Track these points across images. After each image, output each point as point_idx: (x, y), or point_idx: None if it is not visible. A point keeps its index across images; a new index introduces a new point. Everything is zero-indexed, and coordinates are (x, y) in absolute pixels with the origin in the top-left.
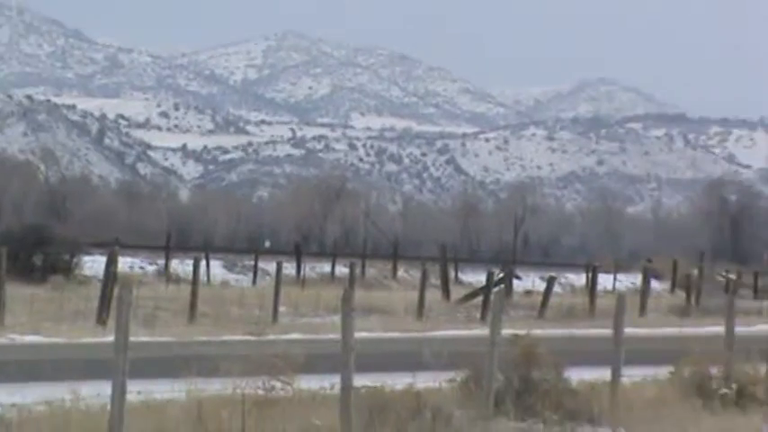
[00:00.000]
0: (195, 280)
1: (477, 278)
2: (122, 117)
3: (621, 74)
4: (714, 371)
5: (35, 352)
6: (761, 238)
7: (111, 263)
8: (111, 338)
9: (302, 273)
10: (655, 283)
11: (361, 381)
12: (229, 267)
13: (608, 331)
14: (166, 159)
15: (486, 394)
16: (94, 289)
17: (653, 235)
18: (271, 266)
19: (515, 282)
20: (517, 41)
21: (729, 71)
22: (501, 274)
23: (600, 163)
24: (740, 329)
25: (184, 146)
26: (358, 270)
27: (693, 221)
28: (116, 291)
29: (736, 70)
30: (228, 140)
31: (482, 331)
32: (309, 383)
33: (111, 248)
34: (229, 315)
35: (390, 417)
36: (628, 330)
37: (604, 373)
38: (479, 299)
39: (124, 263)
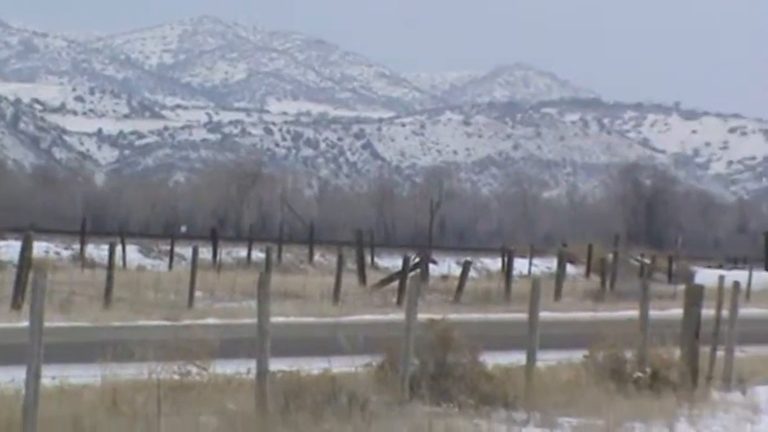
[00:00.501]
0: (111, 265)
1: (393, 263)
2: (37, 101)
3: (537, 59)
4: (628, 355)
5: None
6: (675, 223)
7: (26, 248)
8: (25, 323)
9: (218, 258)
10: (570, 268)
11: (276, 365)
12: (145, 252)
13: (523, 315)
14: (82, 144)
15: (402, 379)
16: (9, 274)
17: (568, 219)
18: (187, 251)
19: (431, 266)
20: (433, 26)
21: (644, 56)
22: (417, 259)
23: (515, 148)
24: (654, 313)
25: (100, 130)
26: (274, 255)
27: (608, 206)
28: (31, 275)
29: (651, 56)
30: (144, 125)
31: (398, 316)
32: (225, 368)
33: (26, 233)
34: (145, 300)
35: (306, 401)
36: (543, 315)
37: (520, 358)
38: (395, 284)
39: (39, 248)
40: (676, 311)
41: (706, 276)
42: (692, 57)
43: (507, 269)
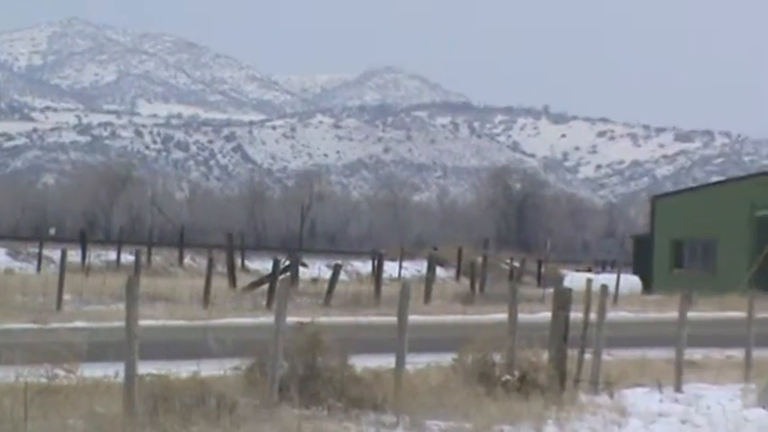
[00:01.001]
0: None
1: (263, 266)
2: None
3: (407, 62)
4: (497, 358)
5: None
6: (544, 226)
7: None
8: None
9: (87, 260)
10: (440, 271)
11: (145, 368)
12: (13, 255)
13: (393, 319)
14: None
15: (271, 382)
16: None
17: (439, 223)
18: (56, 254)
19: (302, 269)
20: (304, 29)
21: (514, 60)
22: (287, 262)
23: (386, 151)
24: (523, 317)
25: None
26: (144, 258)
27: (478, 209)
28: None
29: (521, 59)
30: (13, 127)
31: (268, 319)
32: (93, 371)
33: None
34: (12, 303)
35: (175, 404)
36: (412, 318)
37: (389, 361)
38: (265, 287)
39: None
40: (545, 315)
41: (575, 280)
42: (560, 61)
43: (377, 272)
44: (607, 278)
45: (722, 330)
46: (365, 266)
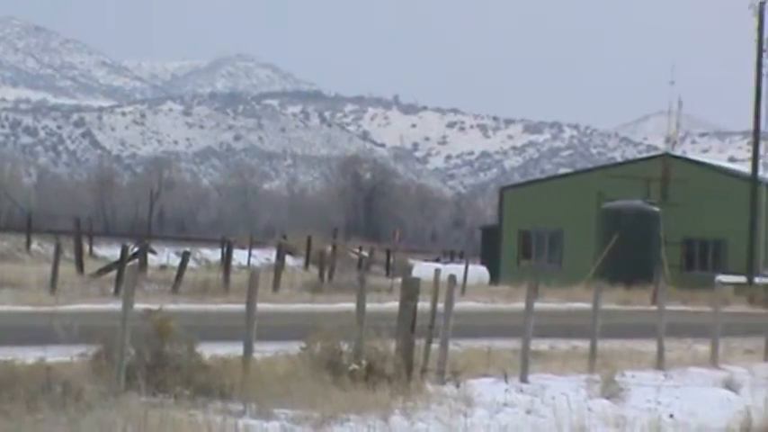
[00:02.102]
0: None
1: (111, 252)
2: None
3: (259, 50)
4: (345, 347)
5: None
6: (394, 216)
7: None
8: None
9: None
10: (289, 260)
11: None
12: None
13: (241, 306)
14: None
15: (118, 369)
16: None
17: (288, 211)
18: None
19: (150, 256)
20: (154, 15)
21: (364, 50)
22: (135, 249)
23: (237, 139)
24: (371, 306)
25: None
26: None
27: (328, 198)
28: None
29: (372, 49)
30: None
31: (115, 305)
32: None
33: None
34: None
35: (19, 391)
36: (261, 306)
37: (237, 349)
38: (113, 273)
39: None
40: (393, 304)
41: (423, 270)
42: (411, 51)
43: (226, 260)
44: (455, 268)
45: (568, 321)
46: (214, 254)
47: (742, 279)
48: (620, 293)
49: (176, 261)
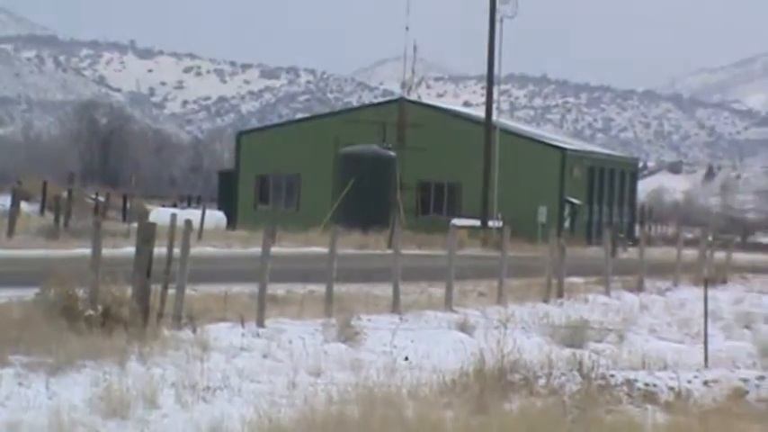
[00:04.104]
0: None
1: None
2: None
3: None
4: (81, 293)
5: None
6: (131, 161)
7: None
8: None
9: None
10: (25, 205)
11: None
12: None
13: None
14: None
15: None
16: None
17: (24, 157)
18: None
19: None
20: None
21: None
22: None
23: None
24: (108, 251)
25: None
26: None
27: (64, 144)
28: None
29: None
30: None
31: None
32: None
33: None
34: None
35: None
36: None
37: None
38: None
39: None
40: (130, 250)
41: (160, 215)
42: None
43: None
44: (192, 213)
45: (305, 266)
46: None
47: (476, 223)
48: (357, 238)
49: None
